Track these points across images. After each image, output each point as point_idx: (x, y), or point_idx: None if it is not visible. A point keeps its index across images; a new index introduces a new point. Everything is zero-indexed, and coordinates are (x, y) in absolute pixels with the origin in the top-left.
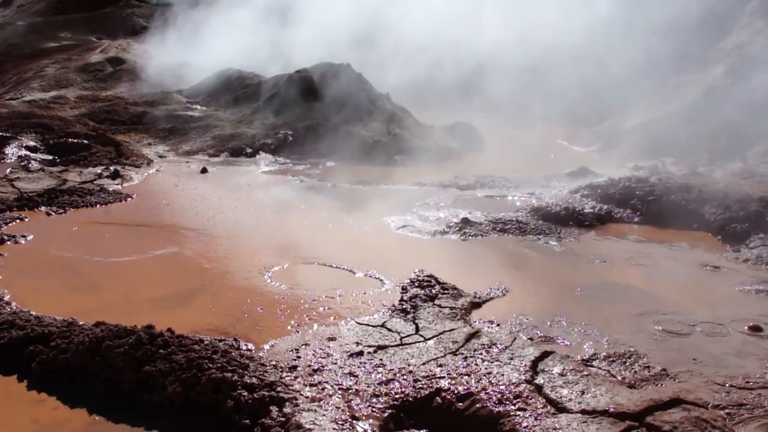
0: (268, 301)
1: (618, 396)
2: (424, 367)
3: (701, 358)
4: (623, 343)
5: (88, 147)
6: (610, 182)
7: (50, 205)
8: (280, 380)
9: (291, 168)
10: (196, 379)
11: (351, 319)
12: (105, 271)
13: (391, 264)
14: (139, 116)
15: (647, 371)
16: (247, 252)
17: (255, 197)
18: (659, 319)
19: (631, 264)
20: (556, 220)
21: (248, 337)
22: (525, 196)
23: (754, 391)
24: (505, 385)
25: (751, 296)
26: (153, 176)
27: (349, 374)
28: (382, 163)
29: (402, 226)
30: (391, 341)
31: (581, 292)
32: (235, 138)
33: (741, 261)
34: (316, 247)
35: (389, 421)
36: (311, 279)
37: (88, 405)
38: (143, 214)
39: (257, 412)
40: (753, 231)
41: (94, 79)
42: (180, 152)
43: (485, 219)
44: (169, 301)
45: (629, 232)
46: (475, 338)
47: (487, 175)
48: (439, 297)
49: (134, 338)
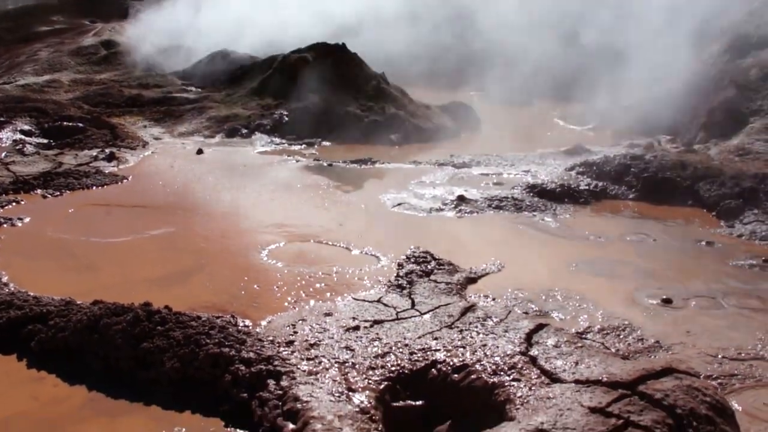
0: (265, 279)
1: (611, 366)
2: (420, 341)
3: (694, 331)
4: (617, 317)
5: (83, 130)
6: (606, 159)
7: (46, 187)
8: (277, 354)
9: (287, 148)
10: (193, 354)
11: (347, 294)
12: (102, 251)
13: (387, 241)
14: (134, 99)
15: (641, 343)
16: (243, 231)
17: (251, 177)
18: (653, 293)
19: (626, 239)
20: (551, 197)
21: (245, 313)
22: (520, 173)
23: (745, 362)
24: (500, 356)
25: (744, 270)
26: (149, 158)
27: (345, 348)
28: (377, 142)
29: (398, 204)
30: (387, 316)
31: (576, 267)
32: (231, 119)
33: (735, 236)
34: (312, 225)
35: (385, 392)
36: (308, 256)
37: (86, 382)
38: (139, 196)
39: (255, 386)
40: (747, 207)
41: (87, 63)
42: (175, 134)
43: (481, 196)
44: (166, 280)
45: (624, 209)
46: (471, 312)
47: (483, 153)
48: (435, 272)
49: (132, 316)
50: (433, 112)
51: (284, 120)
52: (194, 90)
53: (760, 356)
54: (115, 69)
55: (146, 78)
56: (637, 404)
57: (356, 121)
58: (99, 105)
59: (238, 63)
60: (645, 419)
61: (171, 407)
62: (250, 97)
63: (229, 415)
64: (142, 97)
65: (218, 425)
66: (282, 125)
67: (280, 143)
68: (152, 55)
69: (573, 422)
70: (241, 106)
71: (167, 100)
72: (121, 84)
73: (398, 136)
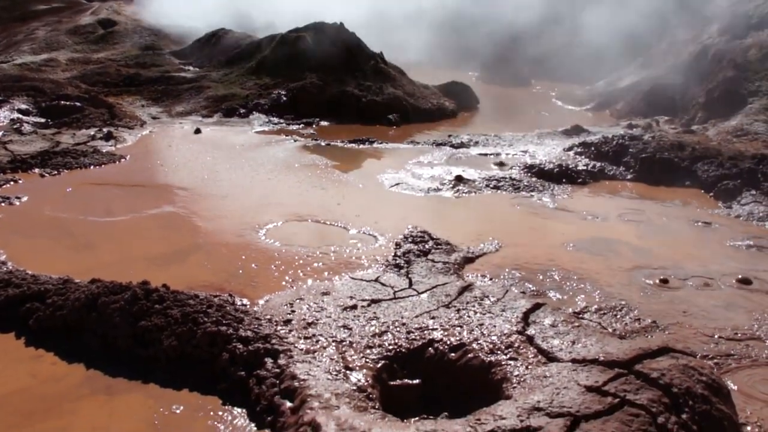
0: (263, 258)
1: (608, 346)
2: (417, 320)
3: (691, 311)
4: (614, 297)
5: (80, 109)
6: (604, 140)
7: (44, 166)
8: (274, 333)
9: (284, 128)
10: (191, 333)
11: (345, 274)
12: (100, 230)
13: (384, 221)
14: (132, 78)
15: (637, 323)
16: (241, 210)
17: (249, 157)
18: (650, 273)
19: (624, 220)
20: (549, 177)
21: (243, 292)
22: (519, 153)
23: (741, 342)
24: (496, 335)
25: (741, 251)
26: (146, 137)
27: (343, 327)
28: (376, 121)
29: (396, 184)
30: (384, 295)
31: (573, 247)
32: (228, 98)
33: (732, 217)
34: (309, 205)
35: (383, 371)
36: (305, 236)
37: (84, 360)
38: (137, 175)
39: (252, 364)
40: (745, 188)
41: (85, 42)
42: (173, 113)
43: (479, 176)
44: (163, 258)
45: (622, 189)
46: (468, 291)
47: (481, 134)
48: (433, 252)
49: (130, 294)
50: (431, 92)
51: (282, 100)
52: (192, 69)
53: (756, 336)
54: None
55: (144, 57)
56: (634, 383)
57: (354, 101)
58: (96, 84)
59: (236, 42)
60: (641, 398)
61: (169, 385)
62: (248, 77)
63: (227, 393)
64: (139, 76)
65: (216, 403)
66: (280, 105)
67: (278, 123)
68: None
69: (569, 401)
70: (238, 85)
71: (165, 79)
72: (119, 63)
73: (396, 116)
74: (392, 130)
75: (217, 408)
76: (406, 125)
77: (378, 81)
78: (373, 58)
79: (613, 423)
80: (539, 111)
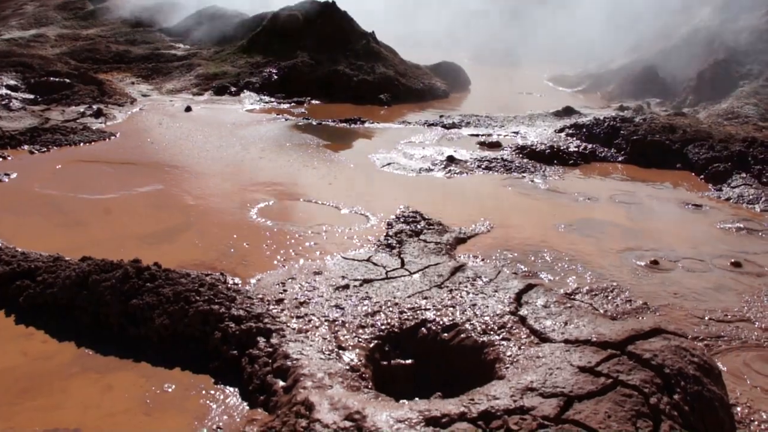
0: (254, 237)
1: (600, 327)
2: (410, 300)
3: (682, 293)
4: (606, 278)
5: (70, 86)
6: (595, 122)
7: (33, 143)
8: (267, 312)
9: (276, 106)
10: (183, 311)
11: (337, 253)
12: (90, 208)
13: (376, 200)
14: (122, 55)
15: (629, 305)
16: (232, 189)
17: (240, 135)
18: (641, 255)
19: (615, 202)
20: (540, 159)
21: (235, 271)
22: (510, 134)
23: (732, 324)
24: (489, 316)
25: (731, 234)
26: (137, 115)
27: (335, 307)
28: (367, 101)
29: (387, 164)
30: (376, 275)
31: (565, 228)
32: (219, 77)
33: (723, 200)
34: (301, 184)
35: (375, 351)
36: (297, 215)
37: (75, 338)
38: (128, 152)
39: (245, 343)
40: (735, 170)
41: (74, 18)
42: (163, 91)
43: (470, 157)
44: (154, 237)
45: (613, 171)
46: (460, 272)
47: (473, 114)
48: (425, 232)
49: (121, 272)
50: (423, 72)
51: (273, 78)
52: (183, 47)
53: (746, 318)
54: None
55: (134, 34)
56: (626, 364)
57: (346, 80)
58: (86, 61)
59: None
60: (634, 378)
61: (160, 364)
62: (239, 55)
63: (219, 372)
64: (129, 53)
65: (208, 382)
66: (271, 83)
67: (269, 101)
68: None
69: (562, 381)
70: (229, 63)
71: (155, 56)
72: (109, 40)
73: (388, 95)
74: (384, 109)
75: (209, 387)
76: (397, 105)
77: (370, 60)
78: (365, 37)
79: (606, 403)
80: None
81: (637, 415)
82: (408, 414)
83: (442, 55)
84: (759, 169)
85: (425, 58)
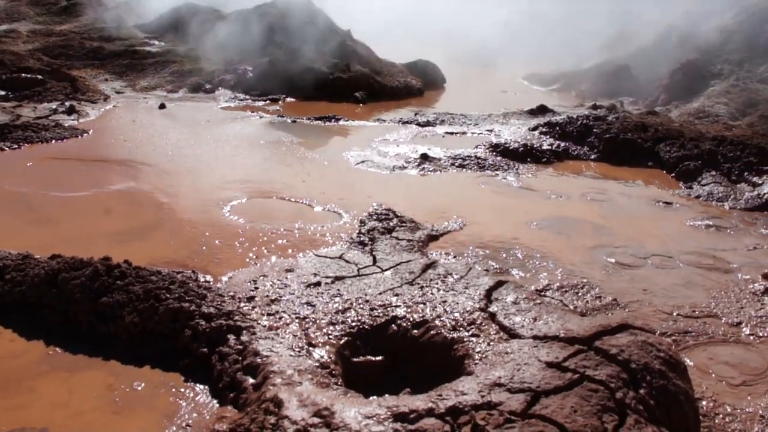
0: (227, 235)
1: (569, 323)
2: (381, 297)
3: (651, 289)
4: (576, 275)
5: (42, 82)
6: (569, 120)
7: (3, 140)
8: (237, 310)
9: (250, 104)
10: (153, 309)
11: (309, 251)
12: (61, 205)
13: (349, 198)
14: (96, 51)
15: (598, 301)
16: (205, 186)
17: (214, 133)
18: (612, 252)
19: (587, 199)
20: (514, 157)
21: (206, 269)
22: (484, 132)
23: (699, 320)
24: (459, 312)
25: (700, 231)
26: (110, 112)
27: (306, 304)
28: (342, 99)
29: (361, 162)
30: (348, 272)
31: (537, 225)
32: (194, 74)
33: (693, 197)
34: (274, 182)
35: (345, 348)
36: (270, 213)
37: (44, 337)
38: (100, 150)
39: (215, 341)
40: (705, 168)
41: (47, 13)
42: (137, 88)
43: (444, 155)
44: (126, 234)
45: (586, 169)
46: (432, 269)
47: (447, 112)
48: (397, 229)
49: (91, 270)
50: (399, 70)
51: (248, 76)
52: (157, 44)
53: (714, 314)
54: (76, 20)
55: (108, 30)
56: (593, 359)
57: (321, 78)
58: (59, 57)
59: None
60: (600, 374)
61: (130, 362)
62: (214, 52)
63: (189, 370)
64: (103, 49)
65: (178, 380)
66: (246, 81)
67: (243, 99)
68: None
69: (530, 376)
70: (204, 60)
71: (129, 53)
72: (82, 36)
73: (363, 93)
74: (359, 107)
75: (179, 385)
76: (372, 103)
77: (345, 58)
78: (341, 34)
79: (573, 398)
80: (505, 91)
81: (603, 410)
82: (376, 410)
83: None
84: (728, 167)
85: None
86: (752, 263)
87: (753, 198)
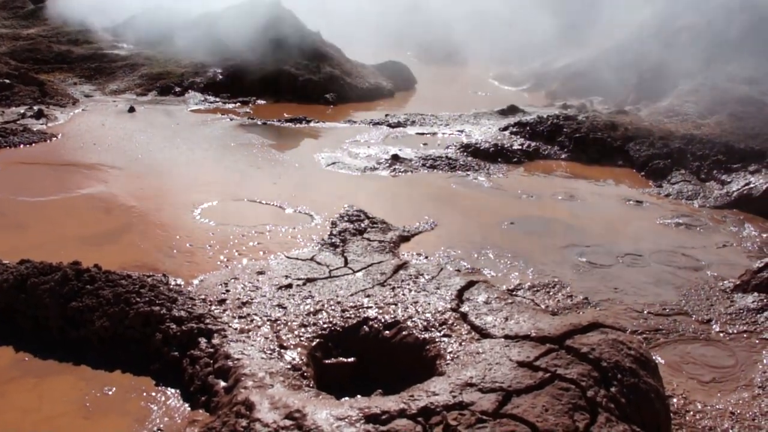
0: (198, 238)
1: (540, 322)
2: (352, 298)
3: (622, 288)
4: (547, 274)
5: (9, 86)
6: (539, 120)
7: None
8: (208, 313)
9: (221, 106)
10: (123, 313)
11: (280, 253)
12: (30, 210)
13: (320, 200)
14: (64, 55)
15: (570, 300)
16: (176, 190)
17: (184, 136)
18: (583, 251)
19: (557, 199)
20: (485, 157)
21: (177, 272)
22: (455, 133)
23: (670, 318)
24: (431, 313)
25: (670, 229)
26: (79, 116)
27: (277, 306)
28: (312, 100)
29: (332, 163)
30: (320, 274)
31: (508, 225)
32: (164, 77)
33: (663, 196)
34: (245, 184)
35: (317, 349)
36: (241, 215)
37: (14, 343)
38: (69, 154)
39: (186, 344)
40: (675, 167)
41: (14, 17)
42: (107, 91)
43: (415, 155)
44: (96, 238)
45: (556, 169)
46: (403, 270)
47: (418, 113)
48: (368, 231)
49: (60, 275)
50: (369, 72)
51: (218, 78)
52: (126, 47)
53: (684, 311)
54: (44, 24)
55: (76, 34)
56: (564, 358)
57: (291, 80)
58: (26, 61)
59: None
60: (571, 372)
61: (101, 366)
62: (184, 55)
63: (160, 374)
64: (72, 53)
65: (149, 384)
66: (216, 83)
67: (214, 101)
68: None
69: (501, 376)
70: (174, 63)
71: (98, 56)
72: (50, 40)
73: (333, 95)
74: (329, 109)
75: (150, 389)
76: (343, 104)
77: (315, 60)
78: (311, 36)
79: (544, 397)
80: (476, 91)
81: (574, 408)
82: (348, 412)
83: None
84: (697, 166)
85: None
86: (722, 261)
87: (722, 196)
